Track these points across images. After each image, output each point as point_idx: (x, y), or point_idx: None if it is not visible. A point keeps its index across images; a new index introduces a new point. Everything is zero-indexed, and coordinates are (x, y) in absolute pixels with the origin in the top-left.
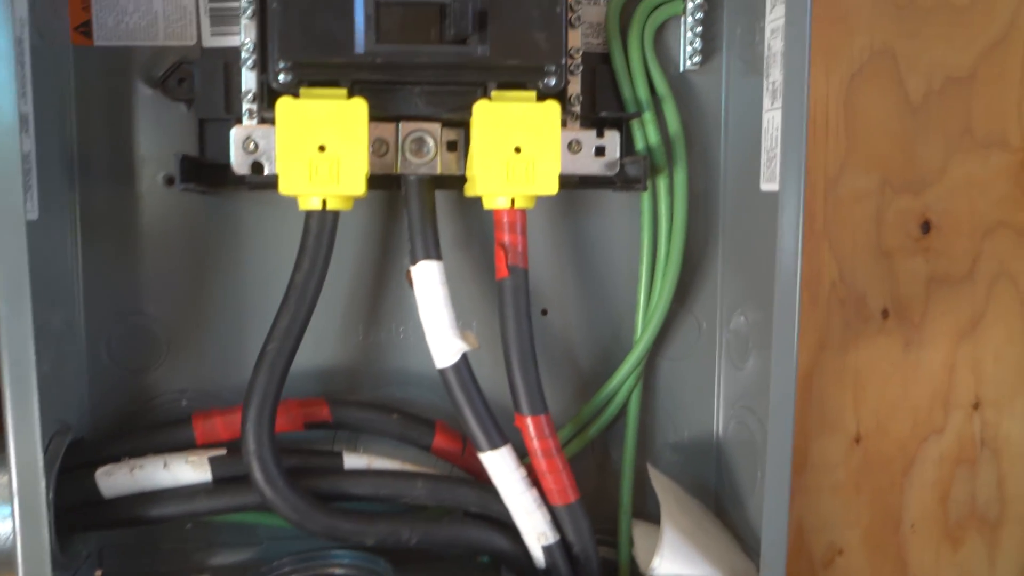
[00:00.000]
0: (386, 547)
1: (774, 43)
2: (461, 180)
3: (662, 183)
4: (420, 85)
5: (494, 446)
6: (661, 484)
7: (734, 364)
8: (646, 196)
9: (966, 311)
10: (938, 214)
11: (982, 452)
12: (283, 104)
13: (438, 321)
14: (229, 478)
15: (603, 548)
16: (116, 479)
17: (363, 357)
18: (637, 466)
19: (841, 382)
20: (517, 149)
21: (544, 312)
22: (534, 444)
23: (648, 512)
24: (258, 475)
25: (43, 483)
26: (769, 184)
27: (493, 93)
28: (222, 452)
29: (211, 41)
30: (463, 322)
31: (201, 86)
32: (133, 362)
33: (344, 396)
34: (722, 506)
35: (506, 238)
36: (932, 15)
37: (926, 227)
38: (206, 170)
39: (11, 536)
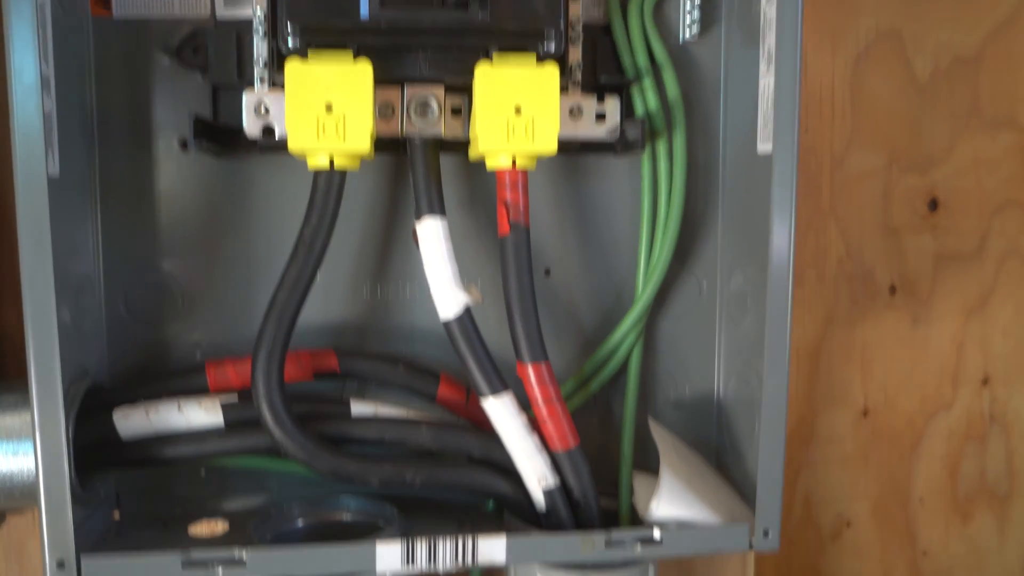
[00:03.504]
0: (391, 487)
1: (769, 10)
2: (466, 145)
3: (662, 147)
4: (424, 50)
5: (495, 392)
6: (661, 435)
7: (733, 321)
8: (646, 160)
9: (975, 288)
10: (946, 192)
11: (991, 428)
12: (292, 66)
13: (442, 275)
14: (240, 422)
15: (604, 498)
16: (132, 420)
17: (371, 314)
18: (638, 423)
19: (848, 356)
20: (518, 110)
21: (547, 272)
22: (535, 391)
23: (649, 467)
24: (267, 416)
25: (63, 418)
26: (765, 145)
27: (494, 56)
28: (234, 398)
29: (224, 12)
30: (468, 280)
31: (214, 55)
32: (149, 316)
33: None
34: (723, 462)
35: (508, 196)
36: None
37: (934, 205)
38: (219, 133)
39: (34, 470)
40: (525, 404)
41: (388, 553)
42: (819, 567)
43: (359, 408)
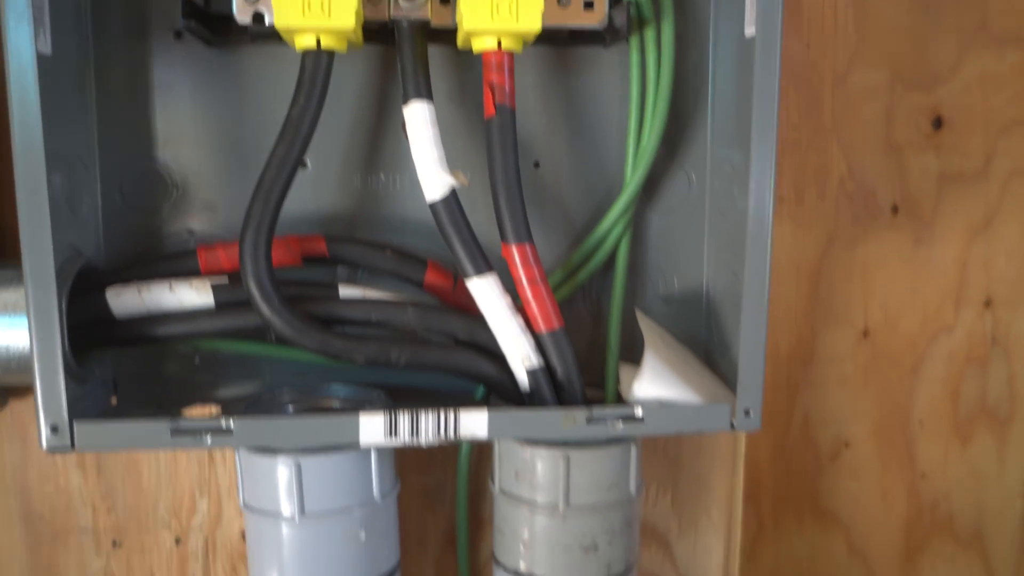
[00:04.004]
0: (376, 364)
1: None
2: (455, 35)
3: (650, 35)
4: None
5: (480, 272)
6: (647, 324)
7: (722, 213)
8: (635, 48)
9: (979, 208)
10: (951, 110)
11: (993, 350)
12: None
13: (428, 157)
14: (230, 303)
15: (591, 389)
16: (124, 299)
17: (360, 206)
18: (626, 316)
19: (849, 276)
20: None
21: (536, 165)
22: (519, 272)
23: (636, 360)
24: (255, 292)
25: (55, 290)
26: (750, 28)
27: None
28: (224, 280)
29: None
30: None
31: None
32: (144, 204)
33: None
34: (712, 357)
35: (494, 78)
36: None
37: (938, 123)
38: (210, 20)
39: (28, 345)
40: (511, 292)
41: (371, 425)
42: (817, 488)
43: (346, 291)
